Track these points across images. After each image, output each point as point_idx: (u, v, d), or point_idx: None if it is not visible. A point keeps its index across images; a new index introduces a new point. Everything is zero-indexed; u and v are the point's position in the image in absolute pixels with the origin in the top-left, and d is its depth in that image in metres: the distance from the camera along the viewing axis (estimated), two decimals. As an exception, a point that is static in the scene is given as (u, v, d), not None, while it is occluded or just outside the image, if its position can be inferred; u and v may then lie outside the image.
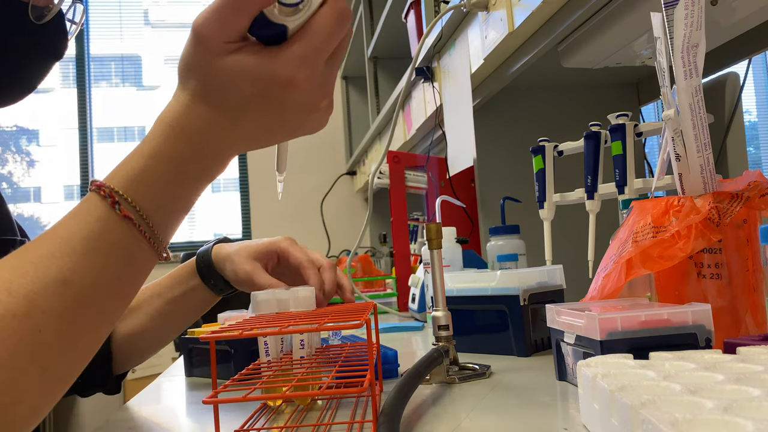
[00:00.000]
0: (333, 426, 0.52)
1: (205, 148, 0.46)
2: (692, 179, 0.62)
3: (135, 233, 0.44)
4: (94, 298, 0.43)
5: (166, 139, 0.45)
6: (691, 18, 0.59)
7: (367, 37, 2.86)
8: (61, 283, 0.41)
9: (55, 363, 0.41)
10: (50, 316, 0.40)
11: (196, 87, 0.45)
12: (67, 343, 0.42)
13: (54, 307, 0.40)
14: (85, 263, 0.42)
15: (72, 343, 0.42)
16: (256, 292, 0.62)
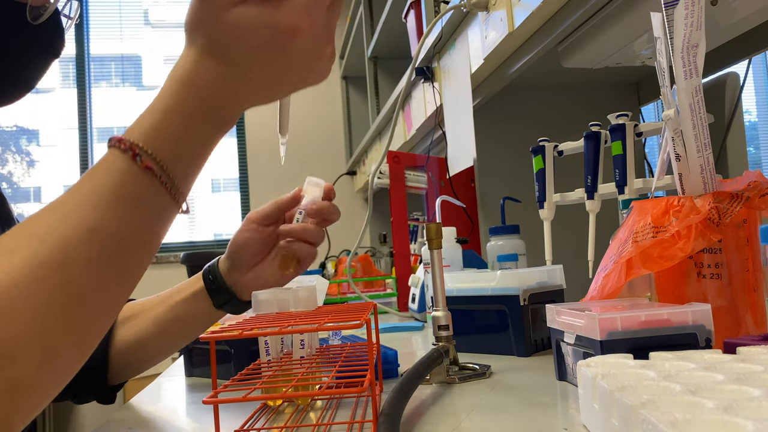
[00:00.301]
0: (333, 426, 0.52)
1: (215, 102, 0.47)
2: (692, 179, 0.62)
3: (156, 184, 0.45)
4: (120, 248, 0.44)
5: (178, 94, 0.46)
6: (691, 18, 0.59)
7: (367, 37, 2.86)
8: (89, 233, 0.42)
9: (86, 313, 0.43)
10: (80, 265, 0.42)
11: (204, 43, 0.46)
12: (97, 293, 0.43)
13: (83, 256, 0.42)
14: (111, 214, 0.43)
15: (101, 292, 0.43)
16: (256, 292, 0.62)
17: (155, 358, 0.79)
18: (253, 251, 0.73)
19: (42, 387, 0.41)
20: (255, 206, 2.89)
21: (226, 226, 3.96)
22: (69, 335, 0.42)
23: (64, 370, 0.43)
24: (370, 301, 0.77)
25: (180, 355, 0.91)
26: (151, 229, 0.46)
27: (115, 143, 0.45)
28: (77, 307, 0.42)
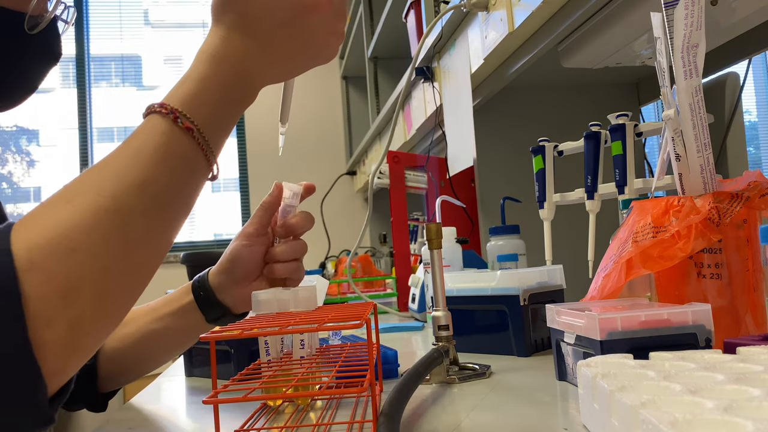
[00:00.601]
0: (333, 426, 0.52)
1: (244, 74, 0.52)
2: (692, 179, 0.62)
3: (194, 145, 0.49)
4: (167, 201, 0.48)
5: (211, 66, 0.51)
6: (691, 18, 0.59)
7: (367, 37, 2.86)
8: (140, 185, 0.46)
9: (138, 258, 0.46)
10: (135, 213, 0.45)
11: (232, 19, 0.52)
12: (147, 240, 0.47)
13: (137, 205, 0.45)
14: (157, 169, 0.47)
15: (151, 240, 0.47)
16: (256, 292, 0.62)
17: (144, 367, 0.78)
18: (250, 267, 0.72)
19: (97, 328, 0.44)
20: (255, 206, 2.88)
21: (226, 226, 3.96)
22: (123, 277, 0.45)
23: (115, 312, 0.46)
24: (370, 301, 0.77)
25: (180, 355, 0.91)
26: (190, 188, 0.50)
27: (156, 108, 0.49)
28: (131, 252, 0.45)
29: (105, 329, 0.46)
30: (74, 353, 0.43)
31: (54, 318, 0.40)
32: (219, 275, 0.73)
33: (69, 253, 0.42)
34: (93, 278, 0.43)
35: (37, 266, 0.40)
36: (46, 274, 0.41)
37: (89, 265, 0.42)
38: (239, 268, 0.72)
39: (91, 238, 0.43)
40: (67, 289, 0.41)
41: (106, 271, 0.43)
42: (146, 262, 0.47)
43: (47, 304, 0.40)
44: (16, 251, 0.41)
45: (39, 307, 0.40)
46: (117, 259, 0.44)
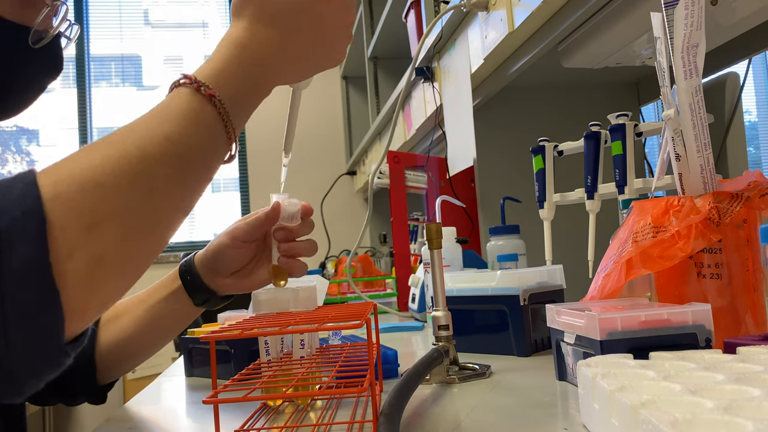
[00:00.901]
0: (333, 426, 0.52)
1: (263, 62, 0.55)
2: (692, 179, 0.62)
3: (216, 114, 0.51)
4: (191, 159, 0.49)
5: (233, 50, 0.54)
6: (691, 18, 0.59)
7: (367, 37, 2.86)
8: (166, 139, 0.47)
9: (163, 205, 0.47)
10: (160, 163, 0.46)
11: (253, 11, 0.55)
12: (172, 193, 0.48)
13: (162, 156, 0.47)
14: (182, 129, 0.49)
15: (176, 193, 0.48)
16: (256, 292, 0.62)
17: (140, 357, 0.80)
18: (234, 264, 0.73)
19: (118, 272, 0.44)
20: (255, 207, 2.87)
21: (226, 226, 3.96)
22: (145, 223, 0.46)
23: (135, 261, 0.46)
24: (370, 301, 0.77)
25: (180, 355, 0.91)
26: (211, 154, 0.51)
27: (180, 82, 0.51)
28: (155, 199, 0.46)
29: (124, 277, 0.45)
30: (93, 293, 0.42)
31: (76, 250, 0.41)
32: (202, 265, 0.75)
33: (95, 187, 0.42)
34: (117, 217, 0.43)
35: (62, 196, 0.41)
36: (71, 205, 0.41)
37: (114, 203, 0.43)
38: (222, 265, 0.73)
39: (117, 179, 0.44)
40: (91, 222, 0.42)
41: (130, 213, 0.44)
42: (168, 215, 0.48)
43: (70, 235, 0.40)
44: (41, 183, 0.41)
45: (61, 236, 0.40)
46: (141, 203, 0.45)
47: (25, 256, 0.39)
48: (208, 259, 0.74)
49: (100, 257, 0.42)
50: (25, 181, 0.41)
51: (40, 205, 0.40)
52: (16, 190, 0.41)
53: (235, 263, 0.73)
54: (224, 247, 0.72)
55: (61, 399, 0.80)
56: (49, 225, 0.40)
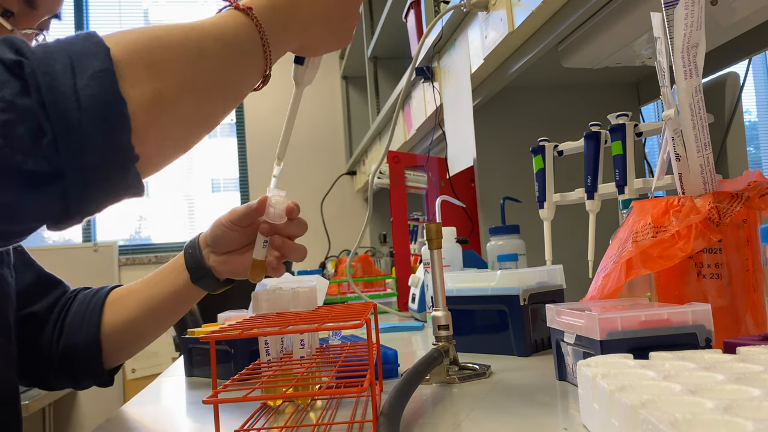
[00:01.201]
0: (333, 426, 0.52)
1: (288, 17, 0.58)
2: (692, 179, 0.62)
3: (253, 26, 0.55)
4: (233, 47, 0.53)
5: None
6: (691, 18, 0.59)
7: (367, 37, 2.86)
8: (213, 24, 0.53)
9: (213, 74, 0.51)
10: (208, 39, 0.51)
11: None
12: (218, 64, 0.51)
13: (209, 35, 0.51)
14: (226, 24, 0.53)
15: (221, 66, 0.52)
16: (256, 292, 0.62)
17: (144, 338, 0.83)
18: (228, 244, 0.77)
19: (174, 115, 0.48)
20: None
21: (226, 226, 3.95)
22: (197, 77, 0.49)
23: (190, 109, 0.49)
24: (370, 301, 0.77)
25: (180, 355, 0.92)
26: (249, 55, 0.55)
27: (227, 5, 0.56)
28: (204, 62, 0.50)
29: (178, 123, 0.48)
30: (152, 124, 0.45)
31: (138, 81, 0.44)
32: (203, 241, 0.79)
33: (153, 39, 0.47)
34: (172, 64, 0.47)
35: (124, 41, 0.45)
36: (134, 47, 0.45)
37: (170, 54, 0.47)
38: (217, 243, 0.77)
39: (171, 36, 0.48)
40: (151, 62, 0.45)
41: (182, 65, 0.48)
42: (214, 85, 0.51)
43: (133, 69, 0.44)
44: (104, 36, 0.45)
45: (126, 69, 0.44)
46: (192, 61, 0.49)
47: (97, 68, 0.42)
48: (208, 236, 0.78)
49: (159, 94, 0.45)
50: (86, 33, 0.45)
51: (106, 47, 0.44)
52: (81, 35, 0.45)
53: (229, 244, 0.77)
54: (221, 225, 0.76)
55: (68, 382, 0.81)
56: (114, 56, 0.43)
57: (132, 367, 3.27)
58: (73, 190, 0.42)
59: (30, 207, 0.42)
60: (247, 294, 0.71)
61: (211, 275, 0.78)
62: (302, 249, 0.74)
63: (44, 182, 0.41)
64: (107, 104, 0.42)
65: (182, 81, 0.48)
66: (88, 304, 0.81)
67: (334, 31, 0.64)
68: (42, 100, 0.40)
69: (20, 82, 0.40)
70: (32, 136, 0.40)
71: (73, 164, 0.41)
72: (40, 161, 0.40)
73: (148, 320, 0.81)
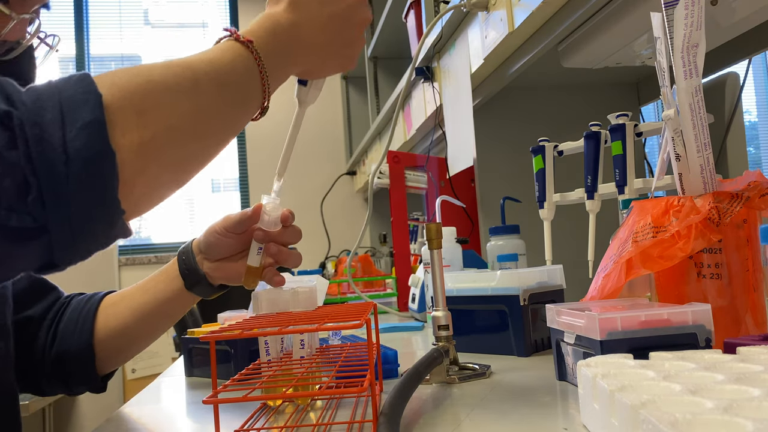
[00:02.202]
0: (333, 426, 0.52)
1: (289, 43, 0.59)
2: (692, 179, 0.62)
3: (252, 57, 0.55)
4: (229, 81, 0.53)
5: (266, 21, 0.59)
6: (691, 18, 0.59)
7: (367, 37, 2.86)
8: (209, 62, 0.53)
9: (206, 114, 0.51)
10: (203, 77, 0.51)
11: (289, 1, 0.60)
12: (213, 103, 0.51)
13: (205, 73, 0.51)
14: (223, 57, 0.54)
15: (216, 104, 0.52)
16: (256, 292, 0.62)
17: (137, 344, 0.82)
18: (221, 250, 0.77)
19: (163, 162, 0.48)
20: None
21: (226, 226, 3.96)
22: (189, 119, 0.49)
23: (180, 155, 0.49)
24: (370, 301, 0.77)
25: (180, 355, 0.91)
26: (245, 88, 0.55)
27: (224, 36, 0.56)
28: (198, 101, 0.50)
29: (167, 169, 0.48)
30: (141, 172, 0.45)
31: (129, 129, 0.44)
32: (197, 247, 0.79)
33: (146, 81, 0.47)
34: (164, 109, 0.47)
35: (117, 85, 0.45)
36: (126, 92, 0.45)
37: (162, 96, 0.47)
38: (211, 250, 0.77)
39: (165, 77, 0.48)
40: (143, 109, 0.45)
41: (175, 109, 0.48)
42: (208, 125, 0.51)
43: (124, 116, 0.44)
44: (96, 77, 0.45)
45: (117, 116, 0.44)
46: (185, 104, 0.49)
47: (87, 119, 0.42)
48: (201, 242, 0.78)
49: (148, 141, 0.45)
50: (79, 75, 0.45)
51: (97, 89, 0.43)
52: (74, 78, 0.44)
53: (222, 250, 0.77)
54: (214, 232, 0.76)
55: (60, 387, 0.81)
56: (105, 102, 0.43)
57: (132, 367, 3.27)
58: (58, 244, 0.42)
59: (13, 259, 0.42)
60: (247, 294, 0.71)
61: (205, 281, 0.78)
62: (297, 255, 0.74)
63: (29, 237, 0.41)
64: (95, 157, 0.41)
65: (174, 125, 0.48)
66: (81, 310, 0.81)
67: (338, 57, 0.64)
68: (29, 153, 0.39)
69: (8, 134, 0.39)
70: (17, 190, 0.39)
71: (58, 220, 0.41)
72: (24, 217, 0.39)
73: (140, 326, 0.80)
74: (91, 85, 0.43)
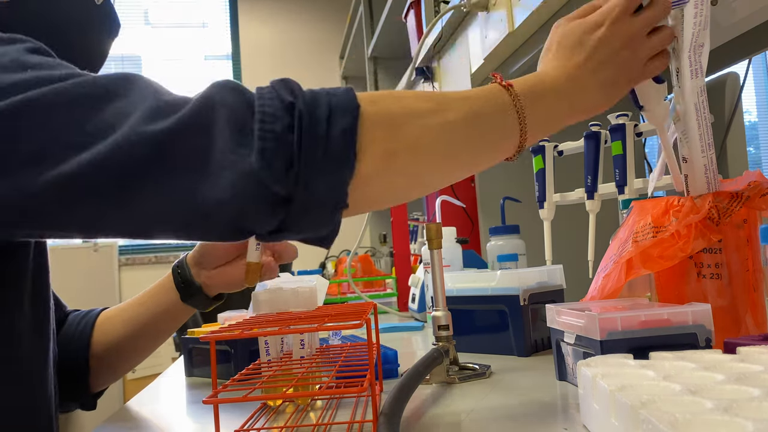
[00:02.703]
0: (333, 426, 0.52)
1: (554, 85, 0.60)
2: (696, 179, 0.62)
3: (510, 99, 0.56)
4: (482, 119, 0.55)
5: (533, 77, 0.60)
6: (700, 17, 0.59)
7: (367, 37, 2.86)
8: (464, 100, 0.55)
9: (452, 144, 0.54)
10: (457, 113, 0.54)
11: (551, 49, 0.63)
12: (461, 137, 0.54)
13: (459, 109, 0.54)
14: (480, 96, 0.56)
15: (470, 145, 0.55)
16: (256, 292, 0.62)
17: (132, 359, 0.82)
18: (217, 256, 0.77)
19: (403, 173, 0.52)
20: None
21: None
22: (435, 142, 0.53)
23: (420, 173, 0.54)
24: (370, 301, 0.77)
25: (180, 355, 0.91)
26: (500, 127, 0.56)
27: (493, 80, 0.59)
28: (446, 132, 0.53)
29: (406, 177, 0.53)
30: (379, 177, 0.50)
31: (376, 141, 0.50)
32: (192, 259, 0.79)
33: (398, 99, 0.53)
34: (414, 128, 0.51)
35: (378, 103, 0.51)
36: (378, 108, 0.51)
37: (413, 117, 0.52)
38: (207, 258, 0.77)
39: (416, 103, 0.53)
40: (393, 123, 0.51)
41: (423, 130, 0.52)
42: (452, 154, 0.55)
43: (375, 127, 0.50)
44: (365, 94, 0.51)
45: (368, 126, 0.49)
46: (433, 127, 0.52)
47: (345, 125, 0.48)
48: (195, 254, 0.78)
49: (393, 152, 0.50)
50: (347, 88, 0.51)
51: (357, 102, 0.49)
52: (341, 89, 0.50)
53: (219, 255, 0.77)
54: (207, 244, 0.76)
55: None
56: (362, 114, 0.49)
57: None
58: (294, 214, 0.48)
59: (259, 216, 0.47)
60: (247, 294, 0.72)
61: (201, 293, 0.78)
62: (293, 248, 0.75)
63: (278, 203, 0.47)
64: (342, 157, 0.48)
65: (418, 142, 0.52)
66: (78, 324, 0.80)
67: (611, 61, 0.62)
68: (300, 141, 0.47)
69: (289, 119, 0.47)
70: (285, 166, 0.46)
71: (301, 196, 0.47)
72: (282, 188, 0.46)
73: (136, 340, 0.80)
74: (354, 98, 0.50)
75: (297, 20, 4.13)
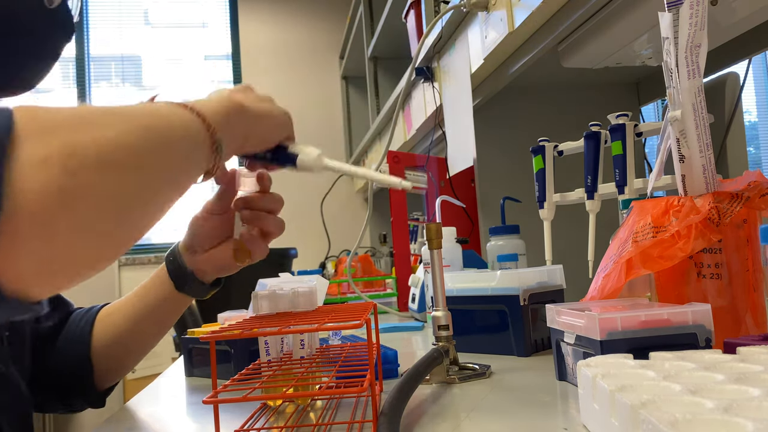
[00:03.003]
0: (333, 426, 0.52)
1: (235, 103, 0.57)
2: (694, 179, 0.62)
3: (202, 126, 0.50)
4: (166, 154, 0.46)
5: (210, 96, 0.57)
6: (696, 18, 0.59)
7: (367, 37, 2.86)
8: (145, 129, 0.44)
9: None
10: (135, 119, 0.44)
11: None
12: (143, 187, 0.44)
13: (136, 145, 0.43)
14: (161, 123, 0.47)
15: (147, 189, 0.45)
16: (256, 292, 0.62)
17: (134, 353, 0.82)
18: (207, 237, 0.74)
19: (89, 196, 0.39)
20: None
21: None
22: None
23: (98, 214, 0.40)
24: (370, 301, 0.77)
25: (180, 355, 0.91)
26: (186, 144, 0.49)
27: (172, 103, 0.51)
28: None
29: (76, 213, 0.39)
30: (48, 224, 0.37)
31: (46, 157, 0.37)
32: (183, 245, 0.77)
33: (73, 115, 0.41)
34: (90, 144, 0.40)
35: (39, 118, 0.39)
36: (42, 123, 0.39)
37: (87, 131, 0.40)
38: (197, 240, 0.75)
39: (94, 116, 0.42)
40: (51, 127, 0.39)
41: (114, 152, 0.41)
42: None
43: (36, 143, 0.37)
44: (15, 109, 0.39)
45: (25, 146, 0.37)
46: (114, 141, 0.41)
47: None
48: (186, 238, 0.76)
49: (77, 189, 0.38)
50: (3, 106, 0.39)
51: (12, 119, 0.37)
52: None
53: (209, 235, 0.74)
54: (196, 219, 0.74)
55: (60, 405, 0.80)
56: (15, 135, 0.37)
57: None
58: None
59: None
60: (247, 294, 0.71)
61: (195, 279, 0.76)
62: (280, 220, 0.72)
63: None
64: None
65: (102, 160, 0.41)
66: (79, 322, 0.81)
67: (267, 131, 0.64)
68: None
69: None
70: None
71: None
72: None
73: (136, 334, 0.80)
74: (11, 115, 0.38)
75: (297, 20, 4.13)
